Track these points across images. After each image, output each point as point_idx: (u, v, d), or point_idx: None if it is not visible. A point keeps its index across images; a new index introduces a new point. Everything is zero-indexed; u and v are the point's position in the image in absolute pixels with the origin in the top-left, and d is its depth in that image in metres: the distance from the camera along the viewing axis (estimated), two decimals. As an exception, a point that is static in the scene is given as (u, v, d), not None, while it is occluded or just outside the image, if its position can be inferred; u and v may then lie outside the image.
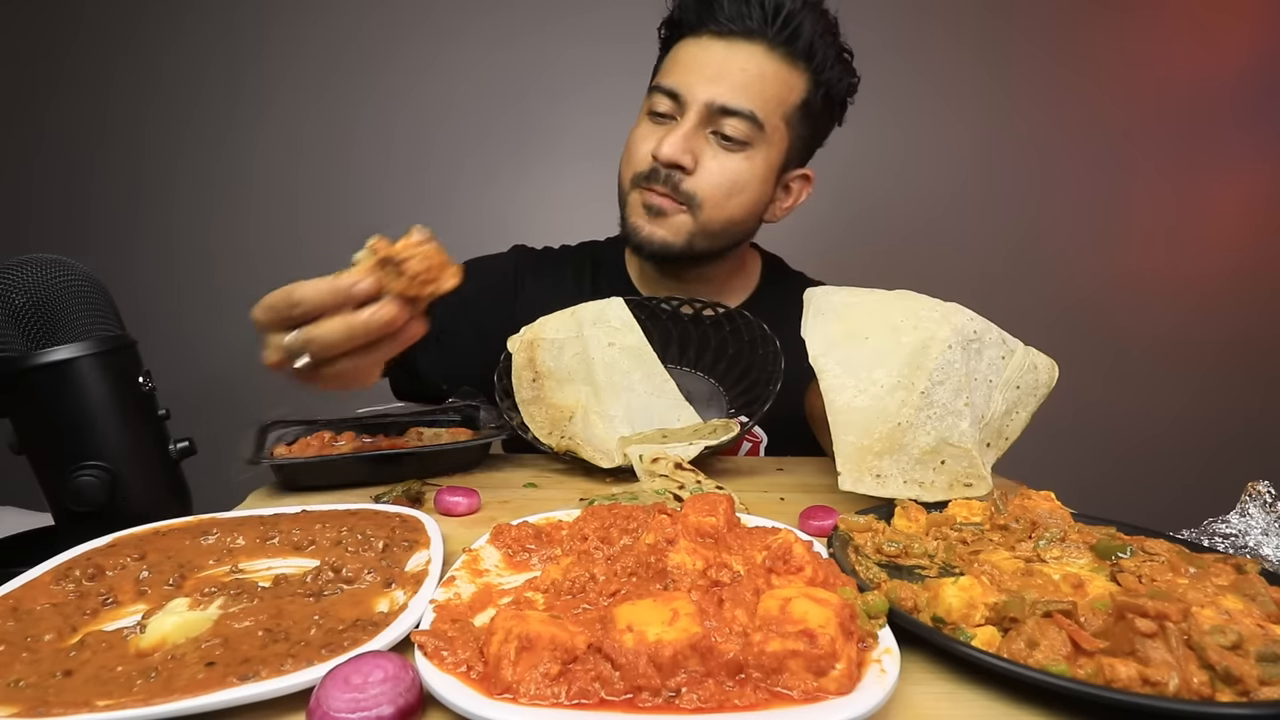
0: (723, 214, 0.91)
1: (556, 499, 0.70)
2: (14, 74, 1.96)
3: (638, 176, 0.92)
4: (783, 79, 0.88)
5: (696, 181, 0.89)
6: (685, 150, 0.87)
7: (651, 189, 0.91)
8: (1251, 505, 0.60)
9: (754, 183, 0.91)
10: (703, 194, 0.90)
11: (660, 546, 0.45)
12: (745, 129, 0.87)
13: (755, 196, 0.93)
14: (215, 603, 0.42)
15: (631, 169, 0.93)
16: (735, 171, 0.90)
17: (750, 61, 0.86)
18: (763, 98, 0.87)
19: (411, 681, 0.33)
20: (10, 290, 0.54)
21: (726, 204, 0.91)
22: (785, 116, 0.90)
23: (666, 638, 0.33)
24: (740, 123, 0.87)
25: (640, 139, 0.92)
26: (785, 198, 1.00)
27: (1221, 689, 0.34)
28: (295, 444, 0.76)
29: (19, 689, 0.34)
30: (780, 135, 0.91)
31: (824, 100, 0.93)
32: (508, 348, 0.88)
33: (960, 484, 0.62)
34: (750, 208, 0.93)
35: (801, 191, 1.01)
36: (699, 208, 0.90)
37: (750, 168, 0.90)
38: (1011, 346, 0.66)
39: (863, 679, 0.34)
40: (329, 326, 0.55)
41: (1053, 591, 0.43)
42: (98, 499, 0.55)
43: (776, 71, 0.87)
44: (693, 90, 0.87)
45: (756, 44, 0.87)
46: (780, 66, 0.87)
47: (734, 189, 0.90)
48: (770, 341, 0.85)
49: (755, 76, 0.86)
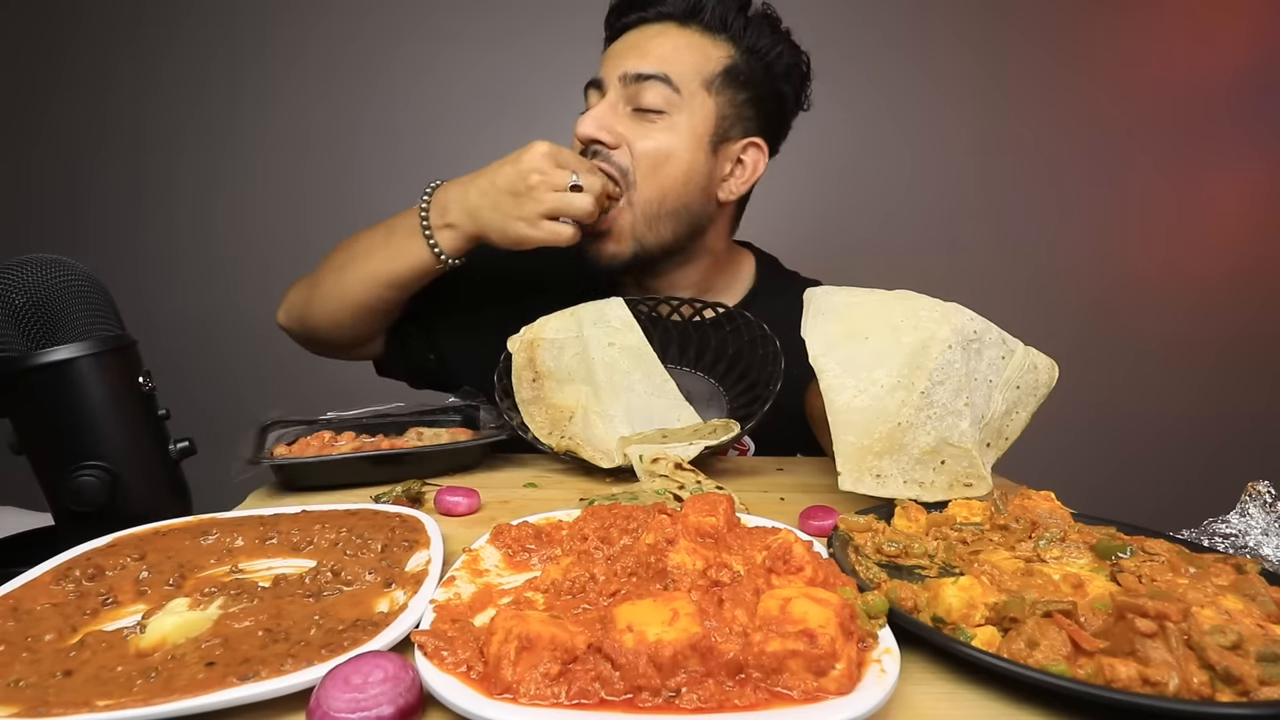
0: (656, 187, 0.90)
1: (556, 499, 0.70)
2: (14, 74, 1.96)
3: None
4: (697, 46, 0.90)
5: (622, 155, 0.90)
6: (601, 126, 0.89)
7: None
8: (1251, 505, 0.60)
9: (680, 150, 0.90)
10: (631, 166, 0.89)
11: (660, 546, 0.45)
12: (661, 94, 0.88)
13: (686, 166, 0.91)
14: (215, 603, 0.42)
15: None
16: (659, 142, 0.89)
17: (661, 35, 0.90)
18: (676, 63, 0.89)
19: (411, 681, 0.33)
20: (10, 290, 0.54)
21: (656, 175, 0.90)
22: (706, 82, 0.91)
23: (666, 638, 0.33)
24: (655, 87, 0.88)
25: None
26: (740, 171, 0.98)
27: (1221, 689, 0.34)
28: (295, 444, 0.76)
29: (19, 689, 0.34)
30: (702, 101, 0.91)
31: (764, 70, 0.93)
32: (508, 348, 0.88)
33: (960, 484, 0.62)
34: (684, 178, 0.92)
35: (757, 163, 0.98)
36: (632, 186, 0.90)
37: (674, 136, 0.90)
38: (1011, 346, 0.66)
39: (863, 679, 0.34)
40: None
41: (1053, 591, 0.43)
42: (98, 499, 0.55)
43: (689, 41, 0.90)
44: (608, 72, 0.91)
45: (668, 24, 0.91)
46: (694, 37, 0.91)
47: (659, 157, 0.90)
48: (770, 341, 0.85)
49: (668, 48, 0.90)
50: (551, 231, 0.82)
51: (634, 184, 0.90)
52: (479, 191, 0.84)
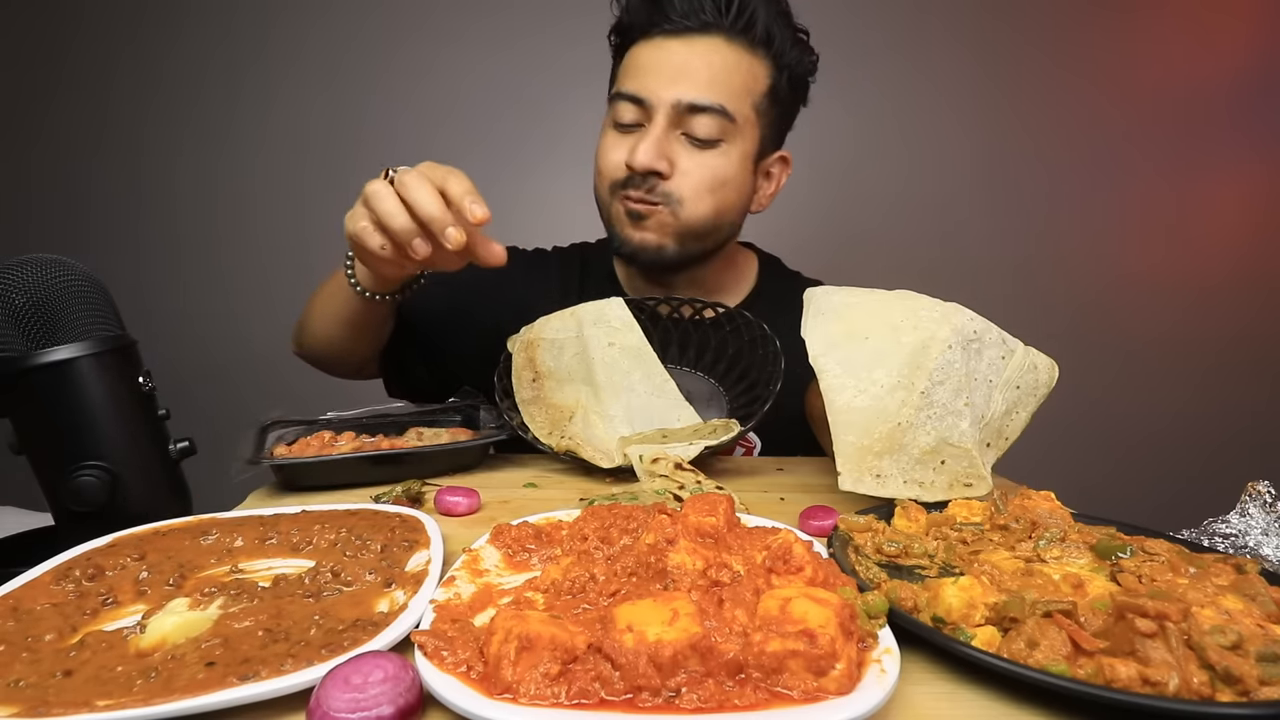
0: (706, 210, 0.90)
1: (556, 499, 0.70)
2: (15, 75, 1.97)
3: (614, 185, 0.91)
4: (746, 68, 0.86)
5: (675, 184, 0.88)
6: (660, 156, 0.86)
7: (630, 195, 0.89)
8: (1251, 505, 0.60)
9: (733, 177, 0.90)
10: (683, 194, 0.88)
11: (660, 546, 0.45)
12: (716, 125, 0.86)
13: (736, 190, 0.92)
14: (215, 603, 0.42)
15: (606, 180, 0.91)
16: (713, 169, 0.88)
17: (712, 55, 0.85)
18: (729, 89, 0.85)
19: (411, 681, 0.33)
20: (10, 290, 0.54)
21: (709, 199, 0.89)
22: (754, 105, 0.89)
23: (666, 638, 0.33)
24: (711, 119, 0.85)
25: (609, 150, 0.90)
26: (767, 184, 0.99)
27: (1221, 689, 0.34)
28: (295, 444, 0.76)
29: (19, 689, 0.34)
30: (751, 125, 0.90)
31: (789, 83, 0.91)
32: (508, 348, 0.88)
33: (960, 484, 0.62)
34: (733, 201, 0.92)
35: (782, 175, 1.00)
36: (679, 204, 0.89)
37: (727, 163, 0.89)
38: (1011, 346, 0.66)
39: (863, 679, 0.34)
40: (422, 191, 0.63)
41: (1053, 591, 0.43)
42: (98, 499, 0.55)
43: (739, 61, 0.86)
44: (657, 93, 0.85)
45: (714, 37, 0.85)
46: (741, 55, 0.86)
47: (714, 185, 0.89)
48: (770, 341, 0.85)
49: (720, 69, 0.85)
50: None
51: (681, 203, 0.89)
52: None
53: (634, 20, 0.88)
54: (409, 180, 0.65)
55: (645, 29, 0.87)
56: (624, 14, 0.90)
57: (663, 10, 0.85)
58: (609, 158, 0.90)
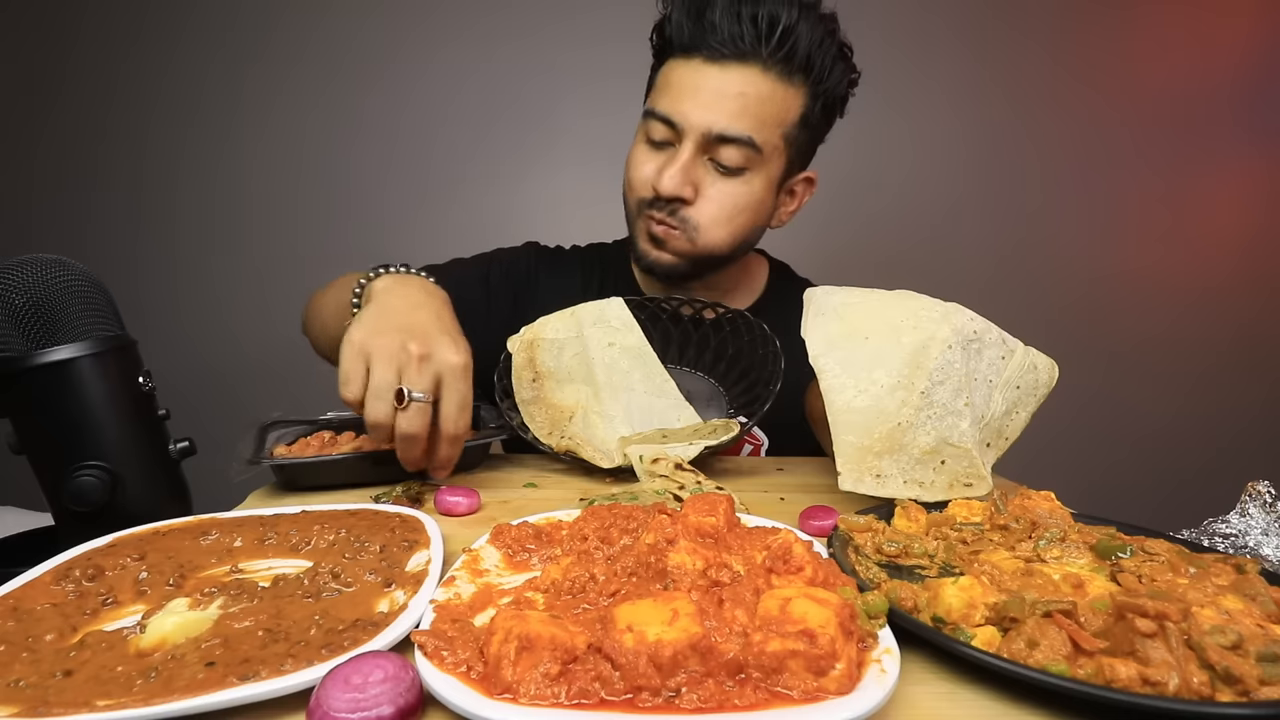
0: (721, 239, 0.92)
1: (556, 499, 0.70)
2: (15, 75, 1.97)
3: (641, 203, 0.93)
4: (779, 98, 0.86)
5: (697, 211, 0.90)
6: (685, 182, 0.88)
7: (653, 216, 0.92)
8: (1251, 505, 0.60)
9: (753, 204, 0.92)
10: (701, 221, 0.90)
11: (660, 546, 0.45)
12: (743, 155, 0.87)
13: (755, 215, 0.93)
14: (215, 603, 0.42)
15: (635, 195, 0.94)
16: (735, 196, 0.90)
17: (746, 85, 0.84)
18: (759, 121, 0.86)
19: (411, 681, 0.33)
20: (10, 290, 0.54)
21: (726, 227, 0.91)
22: (784, 135, 0.89)
23: (666, 638, 0.33)
24: (738, 150, 0.86)
25: (638, 164, 0.92)
26: (790, 202, 1.01)
27: (1221, 689, 0.34)
28: (295, 444, 0.76)
29: (19, 689, 0.34)
30: (779, 153, 0.91)
31: (823, 107, 0.91)
32: (507, 347, 0.88)
33: (960, 484, 0.62)
34: (751, 225, 0.94)
35: (805, 194, 1.01)
36: (696, 232, 0.91)
37: (749, 191, 0.90)
38: (1011, 346, 0.66)
39: (863, 679, 0.34)
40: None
41: (1053, 591, 0.43)
42: (98, 499, 0.55)
43: (773, 92, 0.86)
44: (688, 118, 0.86)
45: (751, 66, 0.84)
46: (776, 86, 0.86)
47: (734, 213, 0.91)
48: (770, 342, 0.85)
49: (752, 100, 0.85)
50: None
51: (698, 231, 0.91)
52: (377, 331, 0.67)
53: (675, 36, 0.88)
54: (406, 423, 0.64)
55: (685, 48, 0.87)
56: (666, 23, 0.89)
57: (704, 34, 0.84)
58: (639, 172, 0.92)
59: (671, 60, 0.89)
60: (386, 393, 0.62)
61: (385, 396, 0.62)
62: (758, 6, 0.82)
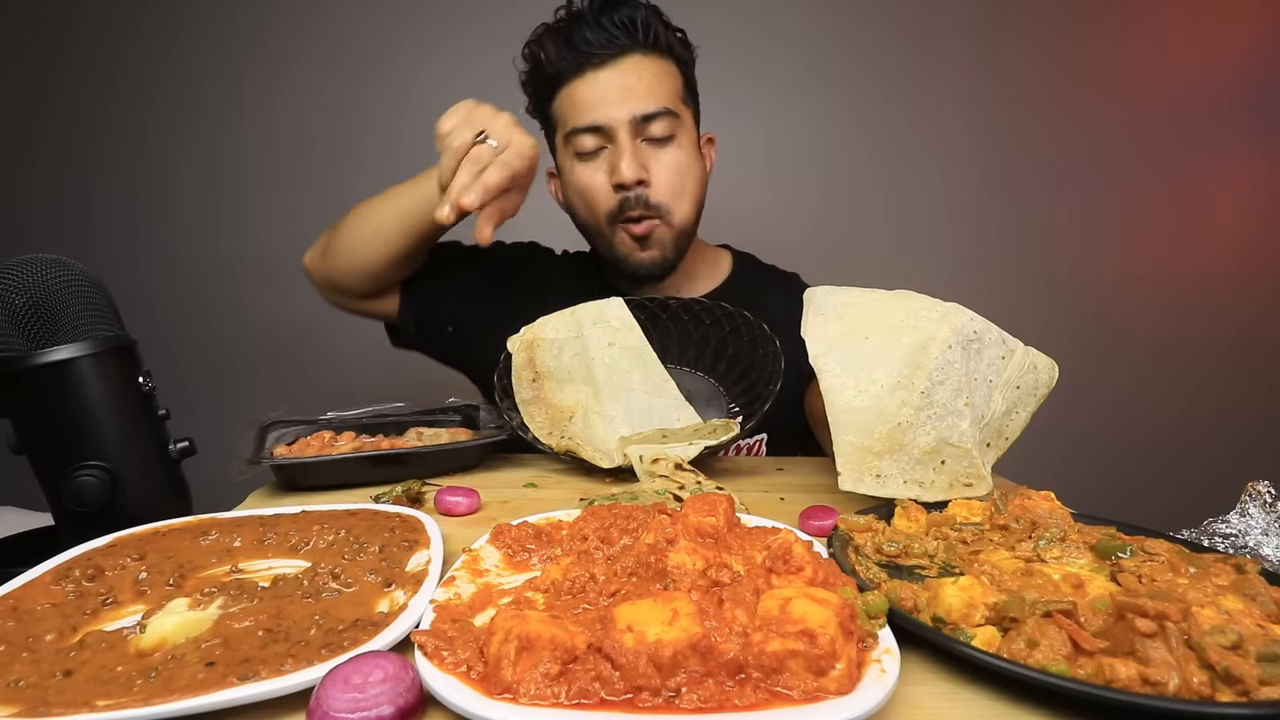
0: (688, 209, 1.00)
1: (556, 499, 0.70)
2: (15, 74, 1.97)
3: (610, 216, 0.98)
4: (665, 72, 0.98)
5: (657, 190, 0.97)
6: (639, 166, 0.95)
7: (630, 217, 0.97)
8: (1251, 505, 0.60)
9: (691, 164, 1.01)
10: (665, 199, 0.97)
11: (660, 546, 0.45)
12: (667, 124, 0.96)
13: (696, 176, 1.02)
14: (215, 603, 0.42)
15: (601, 210, 0.99)
16: (677, 161, 0.98)
17: (640, 70, 0.95)
18: (664, 92, 0.96)
19: (411, 681, 0.33)
20: (10, 290, 0.54)
21: (685, 195, 0.99)
22: (682, 99, 1.00)
23: (666, 638, 0.33)
24: (662, 121, 0.96)
25: (587, 179, 0.99)
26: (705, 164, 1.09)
27: (1221, 689, 0.34)
28: (295, 444, 0.76)
29: (19, 689, 0.34)
30: (688, 115, 1.02)
31: (690, 72, 1.03)
32: (507, 348, 0.88)
33: (960, 484, 0.62)
34: (698, 187, 1.03)
35: (710, 152, 1.10)
36: (670, 214, 0.98)
37: (684, 153, 0.99)
38: (1011, 346, 0.66)
39: (863, 679, 0.34)
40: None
41: (1053, 591, 0.43)
42: (98, 499, 0.55)
43: (658, 67, 0.97)
44: (611, 115, 0.94)
45: (631, 55, 0.95)
46: (657, 62, 0.97)
47: (684, 177, 0.99)
48: (770, 341, 0.85)
49: (650, 79, 0.95)
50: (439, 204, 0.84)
51: (670, 210, 0.98)
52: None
53: (560, 67, 0.98)
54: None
55: (574, 69, 0.96)
56: (545, 65, 1.00)
57: (583, 51, 0.95)
58: (596, 188, 0.98)
59: (565, 87, 0.98)
60: (474, 128, 0.85)
61: (474, 128, 0.85)
62: (614, 12, 0.94)
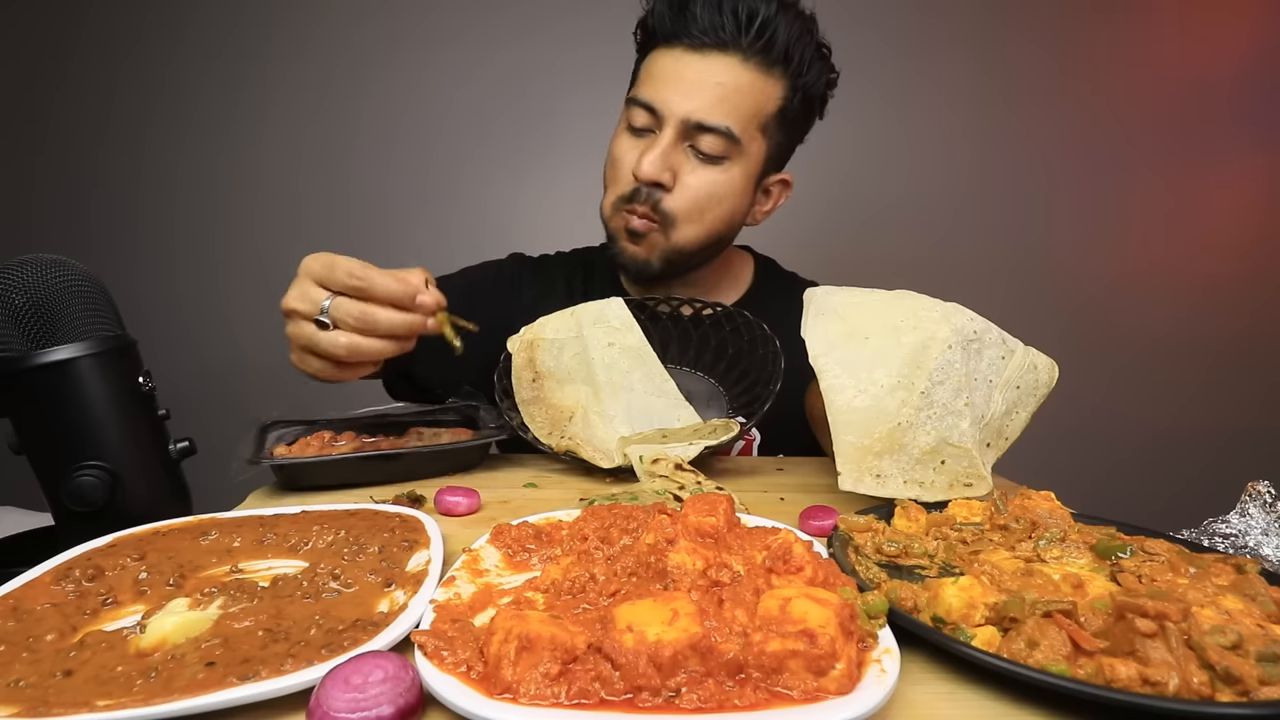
0: (694, 234, 0.93)
1: (556, 499, 0.70)
2: (15, 74, 1.97)
3: (619, 200, 0.93)
4: (758, 89, 0.88)
5: (675, 199, 0.90)
6: (664, 168, 0.88)
7: (633, 210, 0.92)
8: (1251, 505, 0.60)
9: (731, 195, 0.92)
10: (679, 212, 0.91)
11: (660, 546, 0.45)
12: (721, 145, 0.88)
13: (732, 207, 0.94)
14: (215, 603, 0.42)
15: (616, 190, 0.94)
16: (712, 185, 0.90)
17: (725, 74, 0.86)
18: (738, 111, 0.87)
19: (411, 681, 0.33)
20: (10, 290, 0.54)
21: (702, 219, 0.92)
22: (761, 126, 0.90)
23: (666, 638, 0.33)
24: (716, 139, 0.87)
25: (622, 152, 0.93)
26: (765, 201, 1.01)
27: (1221, 689, 0.34)
28: (295, 444, 0.76)
29: (19, 689, 0.34)
30: (757, 145, 0.92)
31: (802, 102, 0.92)
32: (507, 348, 0.88)
33: (960, 484, 0.62)
34: (727, 218, 0.95)
35: (780, 195, 1.02)
36: (672, 226, 0.91)
37: (728, 180, 0.91)
38: (1011, 346, 0.66)
39: (863, 679, 0.34)
40: (357, 307, 0.68)
41: (1053, 591, 0.43)
42: (98, 499, 0.55)
43: (751, 82, 0.87)
44: (669, 105, 0.87)
45: (731, 55, 0.86)
46: (755, 76, 0.87)
47: (711, 202, 0.91)
48: (770, 341, 0.85)
49: (730, 90, 0.86)
50: (302, 363, 0.74)
51: (674, 224, 0.91)
52: None
53: (658, 26, 0.90)
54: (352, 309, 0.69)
55: (667, 37, 0.89)
56: (649, 16, 0.91)
57: (685, 24, 0.86)
58: (621, 162, 0.92)
59: (654, 51, 0.91)
60: (312, 306, 0.70)
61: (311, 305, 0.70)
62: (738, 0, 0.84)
